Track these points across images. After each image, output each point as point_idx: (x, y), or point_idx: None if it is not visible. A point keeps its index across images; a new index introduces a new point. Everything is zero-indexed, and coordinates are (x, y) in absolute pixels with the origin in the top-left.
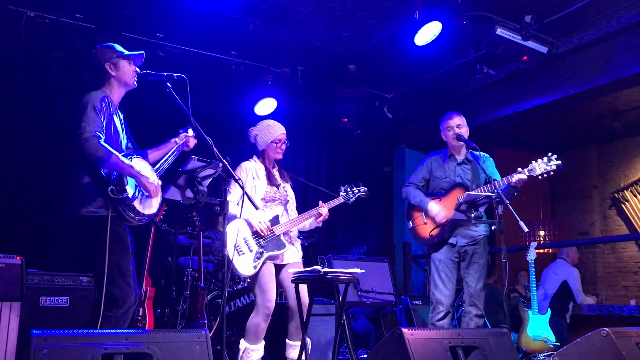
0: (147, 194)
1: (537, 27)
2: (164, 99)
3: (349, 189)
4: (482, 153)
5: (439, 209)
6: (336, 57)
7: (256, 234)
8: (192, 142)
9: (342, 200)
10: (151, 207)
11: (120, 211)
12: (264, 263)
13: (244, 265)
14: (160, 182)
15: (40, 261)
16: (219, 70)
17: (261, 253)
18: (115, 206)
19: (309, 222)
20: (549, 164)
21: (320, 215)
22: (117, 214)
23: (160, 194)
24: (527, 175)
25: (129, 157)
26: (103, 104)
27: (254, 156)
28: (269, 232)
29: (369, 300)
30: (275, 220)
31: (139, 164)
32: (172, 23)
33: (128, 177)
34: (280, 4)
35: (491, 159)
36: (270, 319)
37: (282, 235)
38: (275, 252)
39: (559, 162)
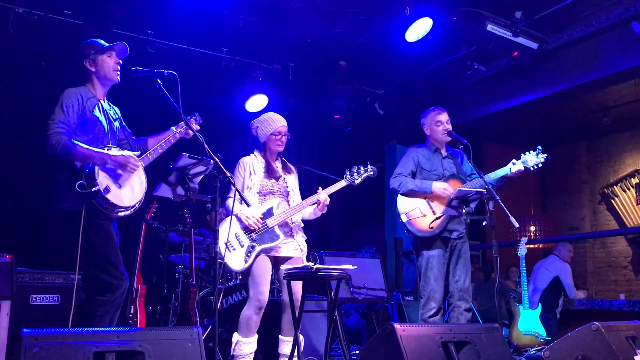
0: (122, 171)
1: (528, 23)
2: (159, 95)
3: (354, 171)
4: (461, 151)
5: (446, 185)
6: (327, 54)
7: (247, 229)
8: (194, 128)
9: (346, 184)
10: (129, 197)
11: (96, 205)
12: (257, 256)
13: (235, 260)
14: (137, 154)
15: (30, 259)
16: (210, 66)
17: (253, 247)
18: (90, 200)
19: (309, 211)
20: (538, 157)
21: (320, 202)
22: (94, 208)
23: (142, 173)
24: (522, 168)
25: (105, 148)
26: (75, 99)
27: (255, 150)
28: (260, 226)
29: (361, 296)
30: (269, 213)
31: (114, 152)
32: (162, 19)
33: (100, 170)
34: (271, 0)
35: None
36: (263, 314)
37: (277, 227)
38: (269, 245)
39: (545, 154)
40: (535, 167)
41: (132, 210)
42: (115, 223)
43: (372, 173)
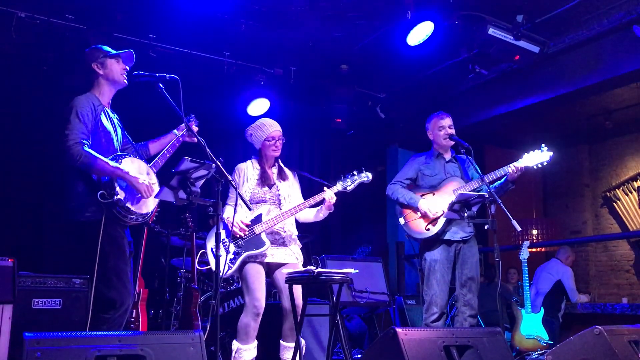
0: (139, 194)
1: (529, 26)
2: (160, 100)
3: (348, 177)
4: (466, 156)
5: (429, 205)
6: (329, 57)
7: (234, 235)
8: (194, 130)
9: (340, 189)
10: (146, 205)
11: (115, 214)
12: (245, 262)
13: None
14: (153, 181)
15: (32, 263)
16: (212, 70)
17: (238, 253)
18: (110, 209)
19: (313, 212)
20: (542, 155)
21: (325, 200)
22: (113, 217)
23: (154, 193)
24: (524, 165)
25: (119, 158)
26: (89, 108)
27: (253, 156)
28: (246, 233)
29: (363, 300)
30: (257, 219)
31: (129, 165)
32: (164, 24)
33: (118, 179)
34: (272, 5)
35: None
36: (263, 320)
37: (263, 234)
38: (254, 252)
39: (551, 152)
40: (540, 165)
41: (146, 217)
42: (129, 231)
43: (365, 179)
